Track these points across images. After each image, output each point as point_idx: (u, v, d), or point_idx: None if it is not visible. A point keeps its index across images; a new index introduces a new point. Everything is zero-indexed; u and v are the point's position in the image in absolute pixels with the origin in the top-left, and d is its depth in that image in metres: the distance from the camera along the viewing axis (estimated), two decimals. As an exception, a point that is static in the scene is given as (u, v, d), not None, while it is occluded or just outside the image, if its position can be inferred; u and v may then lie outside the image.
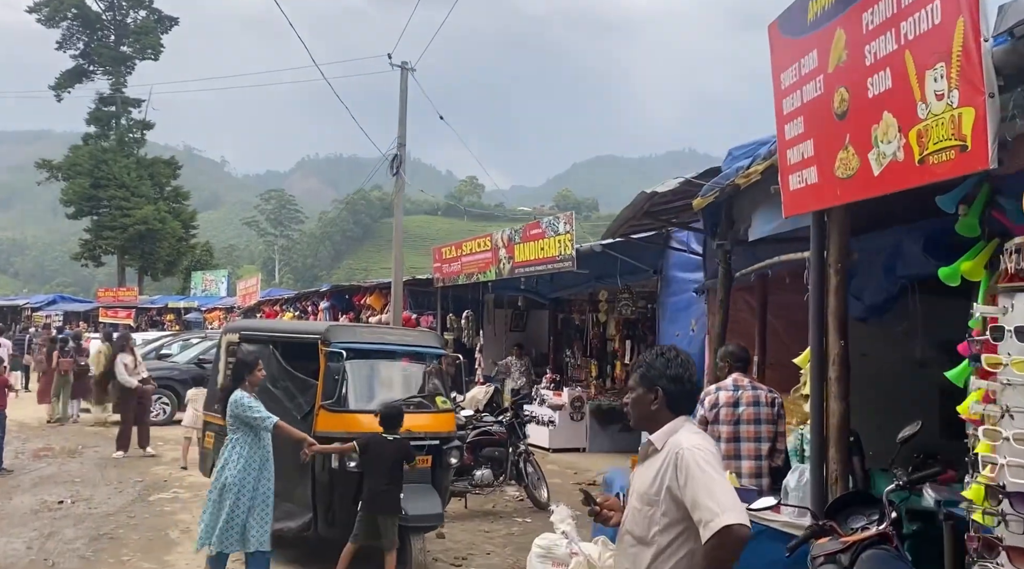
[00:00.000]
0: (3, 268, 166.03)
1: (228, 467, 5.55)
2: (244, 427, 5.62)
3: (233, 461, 5.56)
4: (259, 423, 5.61)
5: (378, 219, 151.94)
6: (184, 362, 16.02)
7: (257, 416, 5.60)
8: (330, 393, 6.16)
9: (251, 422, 5.59)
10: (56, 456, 11.67)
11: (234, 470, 5.52)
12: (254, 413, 5.59)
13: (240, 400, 5.62)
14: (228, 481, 5.50)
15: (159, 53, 44.52)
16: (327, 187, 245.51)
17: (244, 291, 29.40)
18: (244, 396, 5.64)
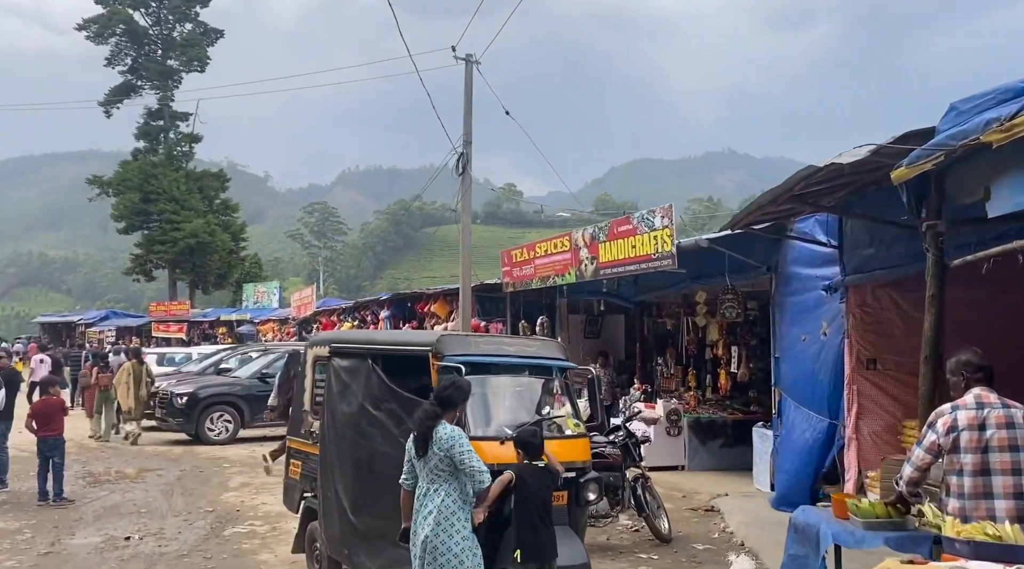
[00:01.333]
0: (56, 286, 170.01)
1: (436, 523, 4.41)
2: (452, 473, 4.42)
3: (445, 517, 4.42)
4: (477, 475, 4.39)
5: (419, 229, 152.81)
6: (246, 377, 15.20)
7: (478, 466, 4.40)
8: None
9: (469, 470, 4.36)
10: (117, 481, 10.87)
11: (447, 529, 4.41)
12: (476, 460, 4.41)
13: (459, 438, 4.41)
14: (438, 542, 4.38)
15: (205, 65, 44.47)
16: (368, 199, 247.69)
17: (299, 302, 28.73)
18: (461, 434, 4.47)
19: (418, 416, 4.42)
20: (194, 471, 11.64)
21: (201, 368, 17.75)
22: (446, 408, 4.47)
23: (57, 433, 9.22)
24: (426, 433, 4.39)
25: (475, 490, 4.45)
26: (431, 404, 4.46)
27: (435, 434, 4.37)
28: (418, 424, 4.43)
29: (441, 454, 4.39)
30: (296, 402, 6.90)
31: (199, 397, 14.44)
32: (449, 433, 4.40)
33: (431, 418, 4.41)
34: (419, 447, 4.44)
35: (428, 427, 4.39)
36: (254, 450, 13.79)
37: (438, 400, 4.46)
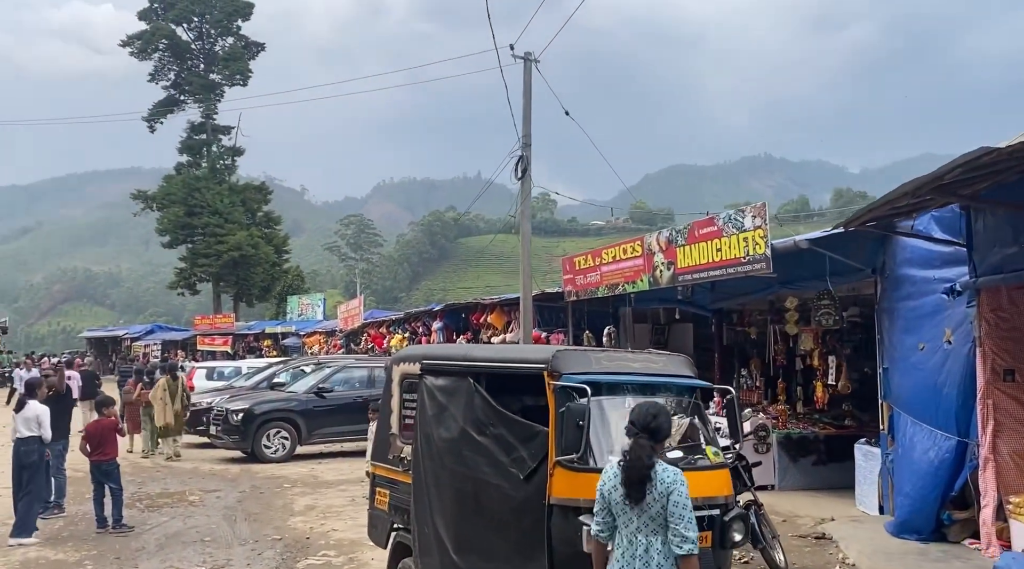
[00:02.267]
0: (100, 300, 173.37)
1: None
2: (664, 525, 3.55)
3: None
4: (686, 540, 3.51)
5: (454, 240, 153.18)
6: (302, 392, 14.66)
7: (692, 532, 3.53)
8: (571, 444, 4.39)
9: (682, 531, 3.49)
10: (176, 504, 10.33)
11: None
12: (692, 519, 3.57)
13: (682, 485, 3.55)
14: None
15: (248, 78, 44.67)
16: (403, 210, 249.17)
17: (346, 313, 28.31)
18: (684, 479, 3.60)
19: (633, 453, 3.51)
20: (254, 492, 11.08)
21: (254, 383, 17.28)
22: (656, 441, 3.62)
23: (111, 457, 8.68)
24: (645, 474, 3.50)
25: (676, 558, 3.53)
26: (640, 437, 3.53)
27: (654, 475, 3.53)
28: (634, 463, 3.49)
29: (662, 501, 3.50)
30: (381, 424, 6.24)
31: (255, 413, 13.93)
32: (672, 476, 3.54)
33: (649, 456, 3.51)
34: (634, 492, 3.50)
35: (648, 467, 3.50)
36: (313, 468, 13.26)
37: (646, 431, 3.55)
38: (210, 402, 16.21)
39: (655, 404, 3.72)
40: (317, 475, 12.62)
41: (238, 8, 44.96)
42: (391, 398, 6.12)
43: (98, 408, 9.05)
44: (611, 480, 3.60)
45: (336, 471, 13.01)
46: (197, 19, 44.71)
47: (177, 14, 43.81)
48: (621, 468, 3.54)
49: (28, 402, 7.93)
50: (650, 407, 3.64)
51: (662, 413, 3.60)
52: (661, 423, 3.58)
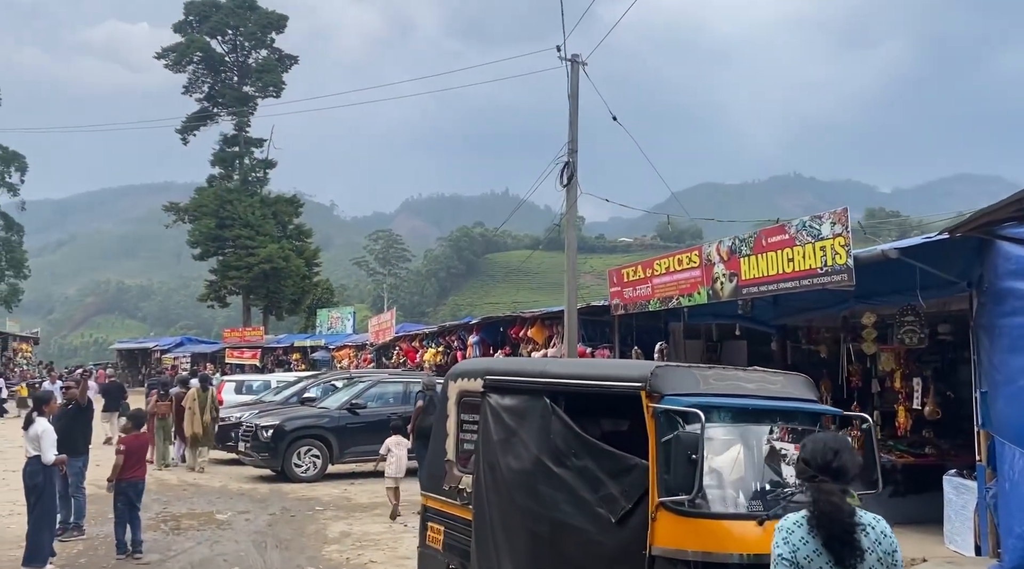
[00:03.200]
0: (132, 313, 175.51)
1: None
2: None
3: None
4: None
5: (481, 255, 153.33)
6: (335, 407, 13.97)
7: None
8: (681, 482, 3.60)
9: None
10: (203, 527, 9.64)
11: None
12: None
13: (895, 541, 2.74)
14: None
15: (281, 90, 44.61)
16: (431, 226, 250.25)
17: (377, 327, 27.68)
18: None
19: (824, 503, 2.62)
20: (285, 515, 10.37)
21: (284, 398, 16.65)
22: (844, 483, 2.71)
23: (143, 476, 8.02)
24: (850, 527, 2.60)
25: None
26: (823, 481, 2.64)
27: (864, 528, 2.65)
28: (831, 514, 2.59)
29: (888, 560, 2.64)
30: (435, 450, 5.48)
31: (286, 430, 13.25)
32: (885, 525, 2.71)
33: (848, 504, 2.63)
34: (848, 553, 2.60)
35: (851, 518, 2.61)
36: (346, 489, 12.55)
37: (828, 473, 2.67)
38: (239, 417, 15.61)
39: (834, 438, 2.88)
40: (350, 497, 11.89)
41: (272, 21, 44.99)
42: (446, 419, 5.37)
43: (137, 423, 8.37)
44: (802, 541, 2.65)
45: (370, 493, 12.27)
46: (231, 32, 44.79)
47: (212, 26, 43.91)
48: (814, 524, 2.65)
49: (35, 419, 7.29)
50: (828, 442, 2.80)
51: (844, 448, 2.75)
52: (845, 461, 2.71)
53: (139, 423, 8.53)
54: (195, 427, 14.22)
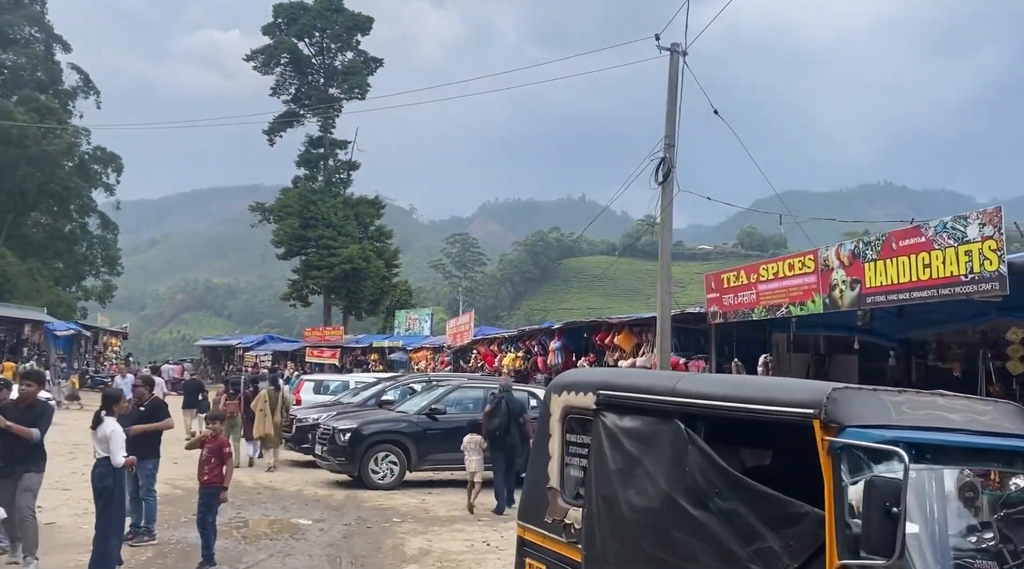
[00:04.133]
0: (219, 311, 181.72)
1: None
2: None
3: None
4: None
5: (556, 260, 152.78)
6: (414, 412, 13.41)
7: None
8: (875, 541, 2.74)
9: None
10: (277, 536, 9.16)
11: None
12: None
13: None
14: None
15: (366, 92, 44.98)
16: (506, 230, 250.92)
17: (455, 329, 27.25)
18: None
19: None
20: (361, 526, 9.80)
21: (362, 400, 16.23)
22: None
23: (220, 482, 7.52)
24: None
25: None
26: None
27: None
28: None
29: None
30: (534, 473, 4.72)
31: (363, 434, 12.75)
32: None
33: None
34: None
35: None
36: (424, 499, 11.94)
37: None
38: (316, 418, 15.26)
39: None
40: (428, 509, 11.27)
41: (358, 23, 45.43)
42: (548, 438, 4.59)
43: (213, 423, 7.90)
44: None
45: (448, 504, 11.63)
46: (318, 34, 45.43)
47: (299, 29, 44.62)
48: None
49: (104, 418, 6.87)
50: None
51: None
52: None
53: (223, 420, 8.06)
54: (266, 428, 14.18)
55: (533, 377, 20.18)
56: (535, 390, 15.11)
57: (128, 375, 18.53)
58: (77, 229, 53.60)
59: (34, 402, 7.12)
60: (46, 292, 45.77)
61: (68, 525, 8.82)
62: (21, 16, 50.78)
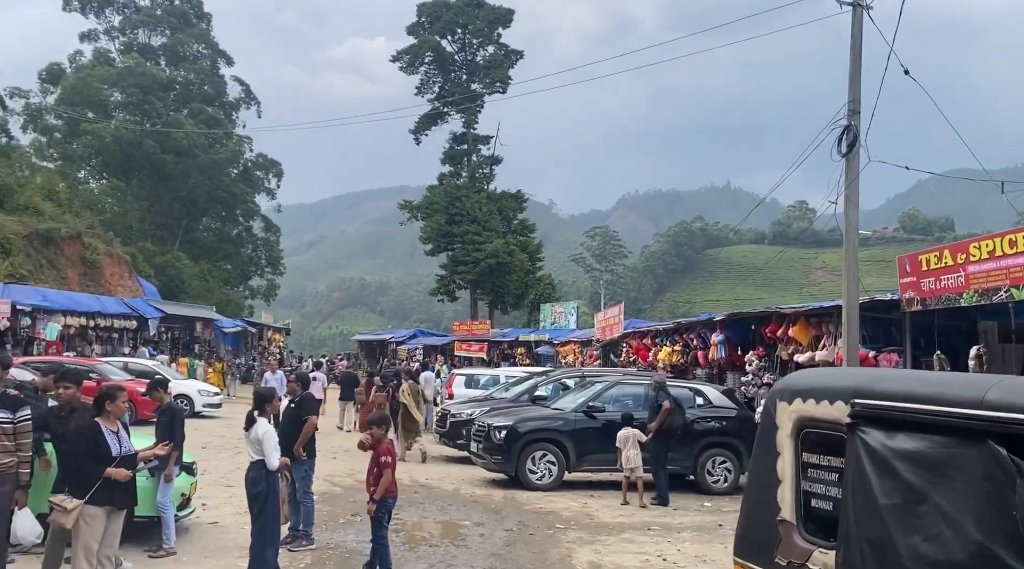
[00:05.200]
0: (371, 307, 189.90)
1: None
2: None
3: None
4: None
5: (700, 250, 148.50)
6: (571, 409, 12.66)
7: None
8: None
9: None
10: (436, 541, 8.65)
11: None
12: None
13: None
14: None
15: (507, 85, 44.84)
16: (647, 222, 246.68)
17: (604, 322, 26.31)
18: None
19: None
20: (523, 532, 9.14)
21: (515, 395, 15.69)
22: None
23: (393, 492, 6.93)
24: None
25: None
26: None
27: None
28: None
29: None
30: (755, 499, 3.78)
31: (519, 432, 12.15)
32: None
33: None
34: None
35: None
36: (586, 503, 11.17)
37: None
38: (470, 414, 14.87)
39: None
40: (592, 513, 10.47)
41: (499, 16, 45.38)
42: (774, 457, 3.62)
43: (384, 425, 7.30)
44: None
45: (613, 509, 10.81)
46: (460, 30, 45.76)
47: (442, 27, 45.12)
48: None
49: (257, 419, 6.53)
50: None
51: None
52: None
53: (386, 424, 7.38)
54: (418, 418, 14.74)
55: (692, 372, 18.95)
56: (701, 387, 14.01)
57: (279, 371, 18.82)
58: (243, 232, 57.06)
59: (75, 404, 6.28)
60: (216, 292, 48.91)
61: (231, 525, 8.70)
62: (190, 35, 54.53)
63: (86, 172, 52.55)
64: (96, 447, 5.47)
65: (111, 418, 5.66)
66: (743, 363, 16.35)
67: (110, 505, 5.48)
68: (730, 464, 12.71)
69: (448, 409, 15.76)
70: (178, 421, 7.53)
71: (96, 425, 5.58)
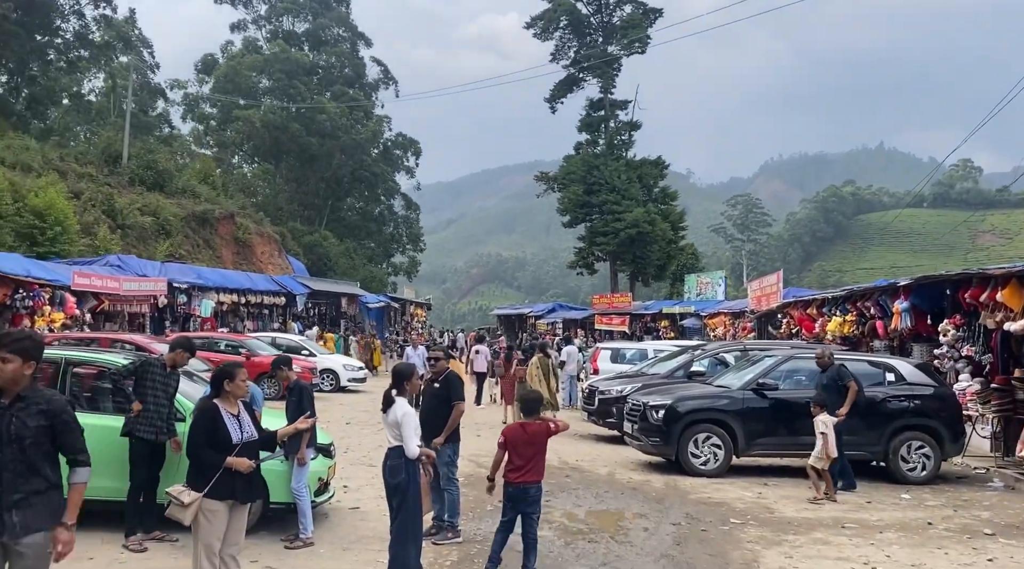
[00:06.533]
0: (509, 282, 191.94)
1: None
2: None
3: None
4: None
5: (851, 216, 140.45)
6: (738, 387, 11.25)
7: None
8: None
9: None
10: (594, 536, 7.61)
11: None
12: None
13: None
14: None
15: (646, 45, 42.79)
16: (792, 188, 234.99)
17: (760, 291, 24.37)
18: None
19: None
20: (693, 528, 7.96)
21: (668, 371, 14.41)
22: None
23: (537, 479, 6.08)
24: None
25: None
26: None
27: None
28: None
29: None
30: None
31: (679, 412, 10.89)
32: None
33: None
34: None
35: None
36: (760, 493, 9.82)
37: None
38: (620, 391, 13.77)
39: None
40: (770, 506, 9.11)
41: (636, -28, 43.34)
42: None
43: (530, 407, 6.31)
44: None
45: (794, 501, 9.40)
46: (595, -9, 44.09)
47: (577, -13, 43.60)
48: None
49: (396, 399, 5.70)
50: None
51: None
52: None
53: (530, 408, 6.35)
54: (544, 392, 14.00)
55: (867, 344, 16.92)
56: (891, 361, 12.17)
57: (420, 346, 18.09)
58: (385, 211, 58.33)
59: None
60: (361, 269, 50.19)
61: (372, 511, 8.04)
62: (331, 19, 55.83)
63: (239, 157, 55.20)
64: (214, 433, 4.78)
65: (230, 399, 4.96)
66: (932, 333, 14.27)
67: (231, 498, 4.79)
68: (928, 449, 10.90)
69: (596, 385, 14.71)
70: (307, 399, 6.91)
71: (215, 407, 4.89)
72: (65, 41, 40.27)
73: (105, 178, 30.44)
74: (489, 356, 19.78)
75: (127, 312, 20.14)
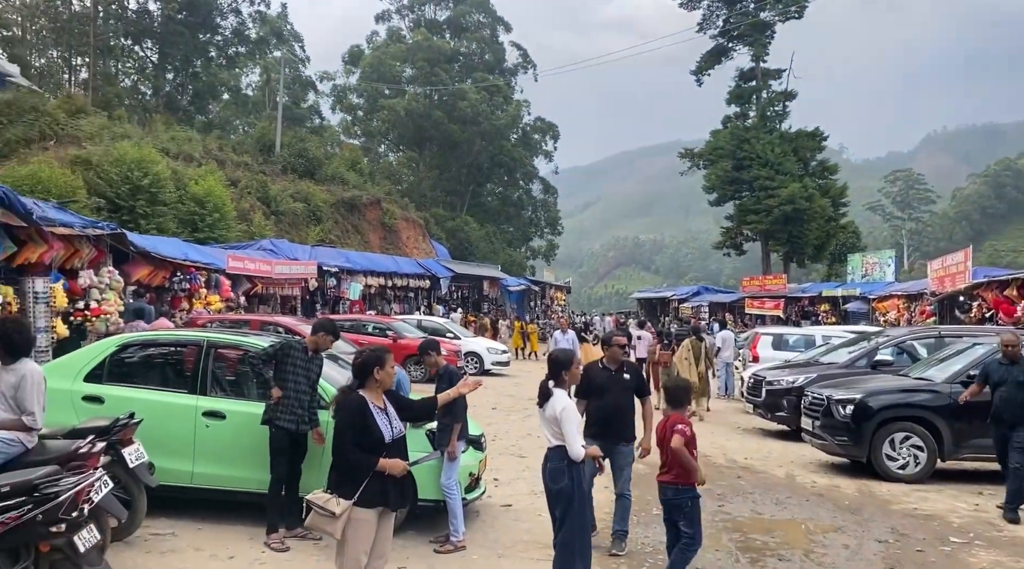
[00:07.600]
0: (646, 265, 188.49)
1: None
2: None
3: None
4: None
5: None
6: (942, 380, 9.65)
7: None
8: None
9: None
10: (783, 553, 6.50)
11: None
12: None
13: None
14: None
15: (803, 9, 39.74)
16: (959, 162, 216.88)
17: (942, 272, 21.83)
18: None
19: None
20: (905, 548, 6.66)
21: (848, 360, 12.81)
22: None
23: (684, 481, 5.12)
24: None
25: None
26: None
27: None
28: None
29: None
30: None
31: (872, 408, 9.46)
32: None
33: None
34: None
35: None
36: (977, 504, 8.30)
37: None
38: (792, 381, 12.37)
39: None
40: (993, 521, 7.61)
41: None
42: None
43: (676, 398, 5.47)
44: None
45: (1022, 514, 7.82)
46: (744, -46, 41.43)
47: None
48: None
49: (554, 391, 4.85)
50: None
51: None
52: None
53: (675, 400, 5.45)
54: (691, 378, 13.90)
55: (1085, 331, 14.48)
56: None
57: (569, 330, 17.28)
58: (523, 195, 58.11)
59: None
60: (501, 253, 50.16)
61: (526, 509, 7.30)
62: (471, 4, 55.91)
63: (385, 146, 56.56)
64: (364, 430, 4.09)
65: (377, 391, 4.27)
66: None
67: (383, 505, 4.11)
68: None
69: (763, 375, 13.33)
70: None
71: (363, 401, 4.19)
72: (224, 38, 42.36)
73: (260, 167, 31.63)
74: (651, 342, 18.68)
75: (279, 295, 20.59)
